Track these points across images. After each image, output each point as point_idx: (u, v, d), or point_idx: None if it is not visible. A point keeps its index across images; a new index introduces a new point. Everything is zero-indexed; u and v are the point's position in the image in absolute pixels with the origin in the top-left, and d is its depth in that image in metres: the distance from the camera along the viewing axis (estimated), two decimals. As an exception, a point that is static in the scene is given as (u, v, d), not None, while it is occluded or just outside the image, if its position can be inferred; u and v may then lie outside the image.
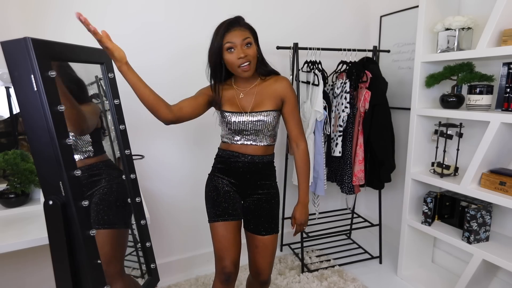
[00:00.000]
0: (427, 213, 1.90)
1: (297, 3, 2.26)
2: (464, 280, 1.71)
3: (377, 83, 2.06)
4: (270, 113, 1.34)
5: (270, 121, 1.34)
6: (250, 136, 1.36)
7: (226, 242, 1.34)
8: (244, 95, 1.37)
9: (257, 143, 1.37)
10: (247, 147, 1.37)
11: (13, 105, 1.65)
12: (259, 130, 1.35)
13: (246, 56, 1.25)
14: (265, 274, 1.43)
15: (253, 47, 1.28)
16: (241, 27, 1.27)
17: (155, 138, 2.04)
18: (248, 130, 1.34)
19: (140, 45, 1.90)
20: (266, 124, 1.34)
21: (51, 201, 0.96)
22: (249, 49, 1.27)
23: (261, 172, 1.40)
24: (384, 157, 2.10)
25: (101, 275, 1.08)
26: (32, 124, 0.94)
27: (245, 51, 1.25)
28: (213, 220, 1.37)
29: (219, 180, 1.41)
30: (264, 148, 1.39)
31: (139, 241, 1.48)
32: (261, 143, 1.37)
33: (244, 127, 1.34)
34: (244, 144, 1.37)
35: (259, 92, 1.37)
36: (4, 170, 1.51)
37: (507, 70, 1.51)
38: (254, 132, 1.35)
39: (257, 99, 1.36)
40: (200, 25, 2.00)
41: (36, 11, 1.67)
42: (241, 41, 1.25)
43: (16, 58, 0.90)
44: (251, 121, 1.33)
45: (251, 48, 1.27)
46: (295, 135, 1.40)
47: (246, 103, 1.36)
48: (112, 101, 1.34)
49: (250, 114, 1.34)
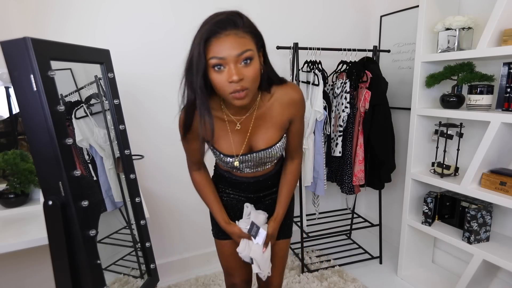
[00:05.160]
0: (427, 213, 1.89)
1: (297, 3, 2.26)
2: (464, 280, 1.71)
3: (377, 83, 2.06)
4: (277, 143, 1.05)
5: (278, 152, 1.08)
6: (252, 167, 1.11)
7: (235, 262, 1.23)
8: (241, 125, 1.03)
9: (263, 168, 1.14)
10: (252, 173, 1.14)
11: (12, 105, 1.65)
12: (264, 163, 1.10)
13: (241, 80, 0.84)
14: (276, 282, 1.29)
15: (255, 63, 0.87)
16: (238, 31, 0.83)
17: (155, 138, 2.04)
18: (250, 165, 1.09)
19: (142, 48, 1.90)
20: (274, 155, 1.07)
21: (50, 201, 0.96)
22: (248, 69, 0.85)
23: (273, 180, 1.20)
24: (384, 157, 2.10)
25: (101, 275, 1.08)
26: (31, 124, 0.94)
27: (240, 72, 0.84)
28: (220, 238, 1.25)
29: (224, 194, 1.22)
30: (273, 166, 1.17)
31: (139, 241, 1.48)
32: (268, 165, 1.14)
33: (244, 164, 1.08)
34: (248, 172, 1.13)
35: (260, 117, 1.02)
36: (3, 170, 1.51)
37: (507, 70, 1.50)
38: (257, 165, 1.10)
39: (258, 131, 1.03)
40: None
41: (36, 11, 1.66)
42: (235, 56, 0.83)
43: (15, 58, 0.90)
44: (253, 159, 1.06)
45: (250, 66, 0.86)
46: (294, 150, 1.16)
47: (242, 137, 1.03)
48: (112, 101, 1.34)
49: (251, 155, 1.05)
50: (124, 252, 1.61)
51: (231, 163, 1.06)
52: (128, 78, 1.88)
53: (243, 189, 1.19)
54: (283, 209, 1.19)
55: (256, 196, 1.21)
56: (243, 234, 1.14)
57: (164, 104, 2.01)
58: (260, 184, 1.18)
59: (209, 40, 0.83)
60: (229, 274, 1.29)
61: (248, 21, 0.88)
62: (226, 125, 1.03)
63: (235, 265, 1.26)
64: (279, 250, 1.25)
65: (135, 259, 1.61)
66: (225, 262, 1.28)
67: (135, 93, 1.93)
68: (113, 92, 1.34)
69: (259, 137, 1.04)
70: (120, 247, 1.61)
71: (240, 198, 1.22)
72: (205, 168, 1.22)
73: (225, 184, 1.22)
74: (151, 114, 2.01)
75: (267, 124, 1.03)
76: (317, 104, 1.99)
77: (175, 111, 2.00)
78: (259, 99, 1.02)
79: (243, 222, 1.18)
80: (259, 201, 1.22)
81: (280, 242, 1.25)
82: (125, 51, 1.86)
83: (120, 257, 1.60)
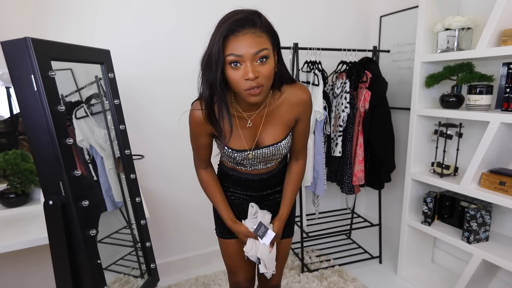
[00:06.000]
0: (427, 213, 1.90)
1: (297, 3, 2.26)
2: (464, 280, 1.71)
3: (377, 83, 2.06)
4: (283, 141, 1.09)
5: (284, 150, 1.11)
6: (259, 164, 1.14)
7: (240, 261, 1.25)
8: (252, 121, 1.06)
9: (268, 165, 1.16)
10: (257, 170, 1.16)
11: (13, 105, 1.65)
12: (270, 159, 1.13)
13: (257, 78, 0.88)
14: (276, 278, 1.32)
15: (270, 62, 0.90)
16: (256, 30, 0.87)
17: (155, 138, 2.04)
18: (256, 162, 1.12)
19: (143, 49, 1.91)
20: (279, 151, 1.10)
21: (51, 201, 0.96)
22: (263, 67, 0.89)
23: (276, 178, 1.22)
24: (384, 157, 2.11)
25: (101, 275, 1.08)
26: (32, 124, 0.94)
27: (256, 70, 0.88)
28: (224, 237, 1.26)
29: (227, 193, 1.24)
30: (277, 164, 1.20)
31: (139, 241, 1.48)
32: (273, 163, 1.17)
33: (251, 161, 1.11)
34: (252, 169, 1.16)
35: (270, 115, 1.06)
36: (4, 170, 1.51)
37: (506, 70, 1.51)
38: (263, 161, 1.13)
39: (267, 128, 1.07)
40: (201, 28, 2.00)
41: (36, 11, 1.67)
42: (252, 54, 0.86)
43: (16, 58, 0.91)
44: (260, 154, 1.09)
45: (266, 64, 0.89)
46: (299, 149, 1.18)
47: (253, 133, 1.08)
48: (112, 101, 1.34)
49: (259, 150, 1.08)
50: (125, 251, 1.62)
51: (239, 159, 1.09)
52: (129, 78, 1.88)
53: (247, 187, 1.20)
54: (288, 209, 1.21)
55: (260, 194, 1.22)
56: (250, 234, 1.16)
57: (164, 105, 2.01)
58: (264, 182, 1.19)
59: (228, 37, 0.86)
60: (233, 273, 1.30)
61: (265, 21, 0.91)
62: (236, 121, 1.06)
63: (239, 264, 1.27)
64: (281, 249, 1.28)
65: (135, 259, 1.61)
66: (229, 261, 1.29)
67: (135, 94, 1.93)
68: (113, 92, 1.34)
69: (267, 134, 1.08)
70: (120, 247, 1.61)
71: (244, 197, 1.23)
72: (212, 166, 1.23)
73: (229, 182, 1.23)
74: (151, 114, 2.01)
75: (275, 122, 1.07)
76: (317, 104, 2.00)
77: (175, 111, 2.00)
78: (270, 97, 1.06)
79: (249, 221, 1.19)
80: (263, 200, 1.24)
81: (283, 241, 1.27)
82: (126, 51, 1.87)
83: (121, 256, 1.60)
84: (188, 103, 1.11)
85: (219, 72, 0.89)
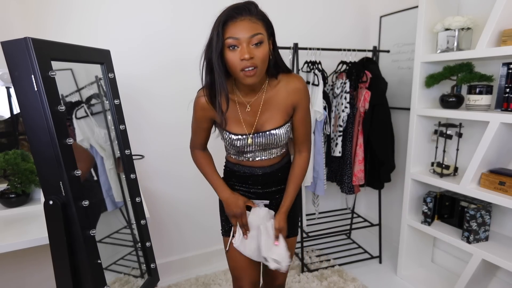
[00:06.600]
0: (426, 213, 1.90)
1: (297, 3, 2.26)
2: (463, 279, 1.72)
3: (377, 83, 2.06)
4: (282, 127, 1.14)
5: (283, 137, 1.15)
6: (260, 152, 1.19)
7: (244, 262, 1.25)
8: (250, 106, 1.13)
9: (270, 156, 1.21)
10: (259, 162, 1.21)
11: (13, 105, 1.65)
12: (271, 147, 1.18)
13: (251, 58, 0.97)
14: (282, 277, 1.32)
15: (264, 46, 0.99)
16: (252, 17, 0.98)
17: (155, 138, 2.04)
18: (258, 149, 1.17)
19: (142, 49, 1.91)
20: (279, 139, 1.15)
21: (51, 201, 0.96)
22: (258, 50, 0.98)
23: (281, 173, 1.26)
24: (384, 157, 2.11)
25: (101, 275, 1.08)
26: (32, 124, 0.94)
27: (251, 52, 0.97)
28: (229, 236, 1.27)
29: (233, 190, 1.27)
30: (279, 156, 1.24)
31: (139, 241, 1.48)
32: (275, 155, 1.21)
33: (252, 148, 1.16)
34: (256, 160, 1.20)
35: (268, 101, 1.13)
36: (4, 170, 1.51)
37: (506, 70, 1.51)
38: (264, 149, 1.18)
39: (265, 113, 1.13)
40: (200, 27, 2.00)
41: (37, 12, 1.67)
42: (248, 37, 0.96)
43: (16, 58, 0.91)
44: (259, 141, 1.14)
45: (260, 48, 0.99)
46: (301, 142, 1.22)
47: (252, 118, 1.14)
48: (112, 101, 1.34)
49: (259, 135, 1.14)
50: (125, 251, 1.61)
51: (240, 145, 1.14)
52: (129, 78, 1.88)
53: (252, 183, 1.24)
54: (290, 201, 1.23)
55: (264, 191, 1.25)
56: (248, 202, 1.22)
57: (164, 105, 2.01)
58: (268, 176, 1.23)
59: (227, 23, 0.97)
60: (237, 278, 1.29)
61: (261, 11, 1.03)
62: (237, 107, 1.14)
63: (243, 265, 1.26)
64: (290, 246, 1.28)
65: (135, 259, 1.61)
66: (233, 263, 1.28)
67: (135, 93, 1.93)
68: (113, 92, 1.34)
69: (266, 119, 1.14)
70: (120, 247, 1.61)
71: (249, 195, 1.26)
72: (208, 150, 1.30)
73: (235, 179, 1.27)
74: (151, 114, 2.01)
75: (273, 108, 1.13)
76: (317, 104, 2.00)
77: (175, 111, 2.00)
78: (267, 84, 1.14)
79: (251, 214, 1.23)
80: (268, 197, 1.26)
81: (288, 240, 1.28)
82: (126, 52, 1.87)
83: (121, 256, 1.60)
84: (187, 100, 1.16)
85: (218, 53, 0.98)
